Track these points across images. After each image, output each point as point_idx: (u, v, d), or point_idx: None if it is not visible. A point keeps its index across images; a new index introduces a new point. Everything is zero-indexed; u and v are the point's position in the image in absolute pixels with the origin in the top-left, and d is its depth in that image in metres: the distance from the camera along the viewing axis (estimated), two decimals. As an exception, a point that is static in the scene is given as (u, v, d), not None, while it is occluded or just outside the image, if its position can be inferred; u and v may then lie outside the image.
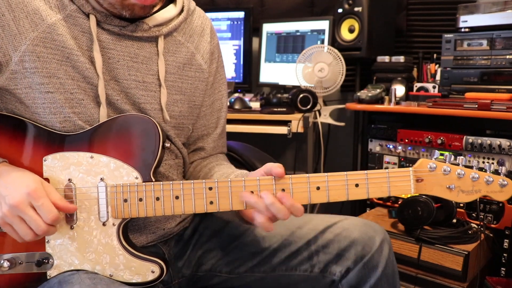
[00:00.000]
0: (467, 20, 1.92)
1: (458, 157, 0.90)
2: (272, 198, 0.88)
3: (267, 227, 0.90)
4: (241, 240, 1.10)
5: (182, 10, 1.09)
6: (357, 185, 0.89)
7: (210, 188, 0.91)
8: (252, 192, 0.90)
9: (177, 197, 0.91)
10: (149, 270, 0.92)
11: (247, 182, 0.90)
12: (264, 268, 1.08)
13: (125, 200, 0.91)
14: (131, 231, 1.02)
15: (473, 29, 1.92)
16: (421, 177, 0.89)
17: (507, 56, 1.80)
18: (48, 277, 0.92)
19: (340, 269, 1.03)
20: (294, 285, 1.08)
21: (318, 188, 0.89)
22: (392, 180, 0.89)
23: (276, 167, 0.90)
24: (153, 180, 0.93)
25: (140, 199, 0.91)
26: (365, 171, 0.89)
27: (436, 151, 0.92)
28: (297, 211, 0.89)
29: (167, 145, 0.97)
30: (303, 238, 1.07)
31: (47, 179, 0.92)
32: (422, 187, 0.89)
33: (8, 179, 0.87)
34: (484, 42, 1.86)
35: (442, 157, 0.91)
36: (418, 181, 0.89)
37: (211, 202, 0.91)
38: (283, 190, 0.90)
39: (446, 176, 0.88)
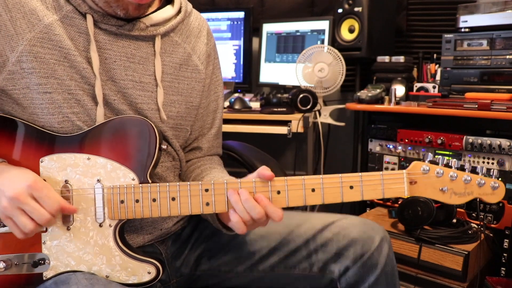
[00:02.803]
0: (467, 20, 1.91)
1: (451, 159, 0.91)
2: (247, 195, 0.88)
3: (239, 227, 0.89)
4: (240, 239, 1.10)
5: (179, 11, 1.09)
6: (351, 187, 0.90)
7: (207, 190, 0.91)
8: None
9: (173, 199, 0.91)
10: (145, 271, 0.92)
11: (243, 184, 0.90)
12: (262, 267, 1.08)
13: (122, 202, 0.92)
14: (128, 232, 1.02)
15: (473, 29, 1.91)
16: (414, 179, 0.90)
17: (507, 56, 1.80)
18: (44, 278, 0.92)
19: (339, 267, 1.03)
20: (293, 284, 1.08)
21: (313, 190, 0.90)
22: (386, 183, 0.90)
23: (264, 171, 0.90)
24: (150, 181, 0.93)
25: (137, 201, 0.92)
26: (360, 174, 0.90)
27: (430, 153, 0.93)
28: (274, 213, 0.88)
29: (164, 147, 0.97)
30: (302, 236, 1.07)
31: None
32: (415, 189, 0.90)
33: (7, 176, 0.87)
34: (484, 42, 1.86)
35: (437, 156, 0.91)
36: (411, 184, 0.90)
37: (207, 204, 0.91)
38: (279, 192, 0.90)
39: (439, 178, 0.89)
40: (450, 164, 0.90)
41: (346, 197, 0.90)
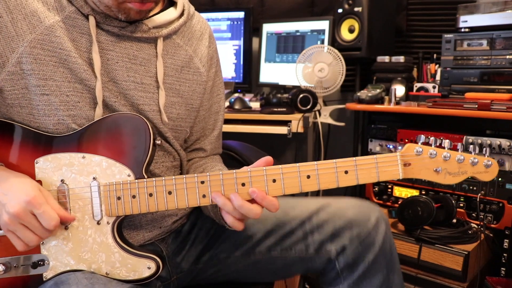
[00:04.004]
0: (467, 20, 1.91)
1: (443, 140, 0.91)
2: (240, 201, 0.89)
3: (237, 226, 0.92)
4: None
5: (182, 14, 1.10)
6: (346, 172, 0.90)
7: (202, 182, 0.91)
8: (243, 184, 0.91)
9: (170, 192, 0.92)
10: (145, 267, 0.92)
11: (238, 174, 0.91)
12: (259, 250, 1.09)
13: (119, 198, 0.92)
14: (127, 230, 1.02)
15: (473, 29, 1.91)
16: (408, 161, 0.91)
17: (507, 56, 1.80)
18: (44, 279, 0.92)
19: (336, 247, 1.04)
20: (290, 266, 1.09)
21: (308, 176, 0.90)
22: (381, 166, 0.90)
23: (263, 159, 0.92)
24: (145, 177, 0.93)
25: (133, 196, 0.92)
26: (354, 158, 0.90)
27: (422, 136, 0.93)
28: (271, 206, 0.90)
29: (158, 142, 0.98)
30: (297, 218, 1.08)
31: (39, 181, 0.92)
32: (410, 171, 0.91)
33: (7, 186, 0.87)
34: (484, 42, 1.86)
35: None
36: (405, 166, 0.91)
37: (204, 196, 0.92)
38: (274, 181, 0.90)
39: (432, 159, 0.90)
40: (443, 145, 0.91)
41: (341, 182, 0.90)
